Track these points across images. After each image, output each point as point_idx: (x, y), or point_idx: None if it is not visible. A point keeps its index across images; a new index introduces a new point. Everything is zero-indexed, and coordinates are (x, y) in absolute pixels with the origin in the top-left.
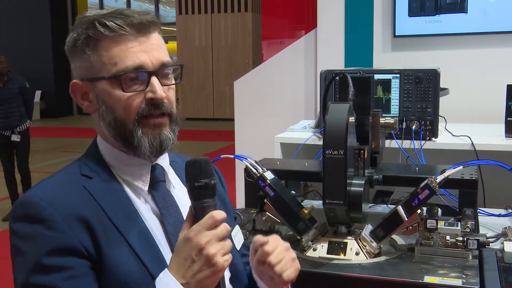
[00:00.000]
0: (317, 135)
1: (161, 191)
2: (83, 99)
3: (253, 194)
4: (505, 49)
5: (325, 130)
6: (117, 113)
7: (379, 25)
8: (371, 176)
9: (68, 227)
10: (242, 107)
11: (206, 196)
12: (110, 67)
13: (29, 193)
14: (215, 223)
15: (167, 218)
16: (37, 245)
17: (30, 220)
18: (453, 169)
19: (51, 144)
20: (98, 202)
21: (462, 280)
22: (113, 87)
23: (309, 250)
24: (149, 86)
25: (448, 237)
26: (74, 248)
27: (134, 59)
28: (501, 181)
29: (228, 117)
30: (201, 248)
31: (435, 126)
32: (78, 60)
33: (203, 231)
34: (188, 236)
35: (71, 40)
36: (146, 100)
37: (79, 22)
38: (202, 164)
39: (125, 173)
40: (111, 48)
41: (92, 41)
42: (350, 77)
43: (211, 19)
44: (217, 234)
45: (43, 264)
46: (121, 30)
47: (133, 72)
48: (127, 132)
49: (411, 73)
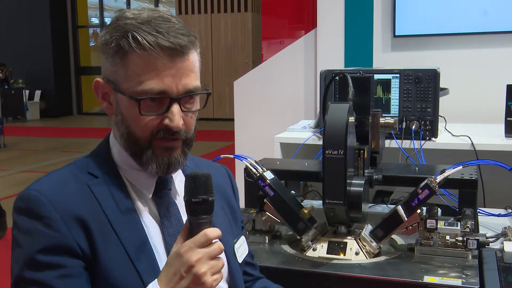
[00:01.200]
0: (317, 135)
1: (165, 199)
2: (103, 99)
3: (253, 194)
4: (505, 49)
5: (325, 130)
6: (131, 129)
7: (379, 25)
8: (371, 176)
9: (65, 227)
10: (242, 107)
11: (203, 212)
12: (134, 84)
13: (34, 186)
14: (207, 241)
15: (167, 228)
16: (33, 240)
17: (30, 214)
18: (452, 169)
19: (51, 144)
20: (100, 204)
21: (461, 280)
22: (132, 105)
23: (309, 250)
24: (169, 113)
25: (448, 237)
26: (70, 248)
27: (159, 83)
28: (501, 181)
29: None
30: (191, 265)
31: (435, 126)
32: (106, 60)
33: (194, 248)
34: (180, 252)
35: (104, 39)
36: (163, 125)
37: (115, 24)
38: (202, 180)
39: (132, 177)
40: (139, 64)
41: (121, 52)
42: (350, 77)
43: (211, 19)
44: (209, 252)
45: (37, 260)
46: (151, 51)
47: (155, 96)
48: (137, 149)
49: (411, 73)
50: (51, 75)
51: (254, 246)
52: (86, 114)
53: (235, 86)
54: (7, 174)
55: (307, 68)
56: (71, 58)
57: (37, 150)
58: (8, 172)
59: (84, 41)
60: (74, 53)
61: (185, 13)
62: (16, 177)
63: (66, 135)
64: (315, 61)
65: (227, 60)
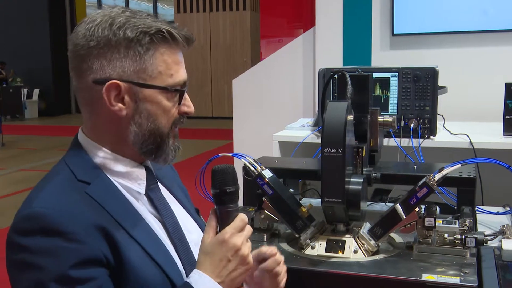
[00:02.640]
0: (315, 133)
1: (157, 192)
2: (115, 101)
3: (251, 192)
4: (504, 47)
5: (323, 129)
6: (158, 121)
7: (377, 24)
8: (370, 174)
9: (88, 237)
10: (240, 105)
11: (232, 201)
12: (165, 78)
13: (36, 204)
14: (245, 225)
15: (167, 219)
16: (59, 258)
17: (46, 233)
18: (451, 167)
19: (50, 142)
20: (104, 207)
21: (460, 278)
22: (163, 97)
23: (307, 248)
24: (185, 100)
25: (446, 235)
26: (96, 258)
27: (183, 74)
28: (499, 179)
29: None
30: (238, 249)
31: (434, 124)
32: (125, 59)
33: (236, 233)
34: (224, 238)
35: (116, 38)
36: (181, 112)
37: (128, 23)
38: (229, 172)
39: (118, 176)
40: (168, 58)
41: (153, 47)
42: (348, 76)
43: (209, 17)
44: (247, 235)
45: (70, 276)
46: (182, 44)
47: (184, 88)
48: (161, 140)
49: (409, 72)
50: (49, 73)
51: (252, 244)
52: None
53: (233, 84)
54: (6, 172)
55: (306, 66)
56: None
57: (36, 149)
58: (7, 170)
59: None
60: None
61: (184, 12)
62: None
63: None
64: (314, 60)
65: (226, 58)
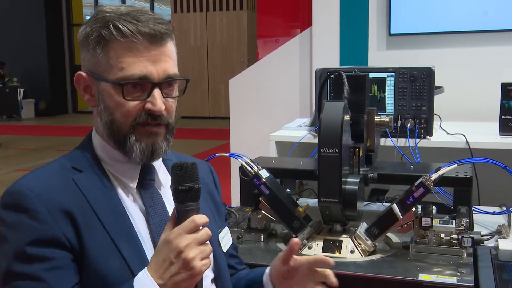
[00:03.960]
0: (312, 133)
1: (149, 189)
2: (85, 91)
3: (248, 192)
4: (500, 47)
5: (320, 129)
6: (115, 116)
7: (374, 23)
8: (366, 174)
9: (51, 219)
10: (237, 105)
11: (189, 199)
12: (116, 71)
13: (20, 181)
14: (196, 227)
15: (153, 217)
16: (20, 234)
17: (16, 208)
18: (447, 167)
19: (46, 142)
20: (85, 196)
21: (456, 278)
22: (115, 91)
23: (304, 248)
24: (150, 97)
25: (442, 235)
26: (57, 240)
27: (141, 68)
28: (496, 179)
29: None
30: (180, 251)
31: (430, 124)
32: (87, 53)
33: (183, 234)
34: (169, 238)
35: (84, 33)
36: (145, 110)
37: (95, 17)
38: (188, 168)
39: (115, 169)
40: (120, 52)
41: (103, 41)
42: (345, 75)
43: (206, 17)
44: (197, 238)
45: (26, 253)
46: (132, 37)
47: (137, 81)
48: (121, 136)
49: (406, 72)
50: (45, 73)
51: (249, 244)
52: (81, 112)
53: (230, 84)
54: (2, 173)
55: (303, 66)
56: (66, 56)
57: (32, 149)
58: (3, 171)
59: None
60: (69, 52)
61: (181, 12)
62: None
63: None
64: (311, 60)
65: (223, 58)
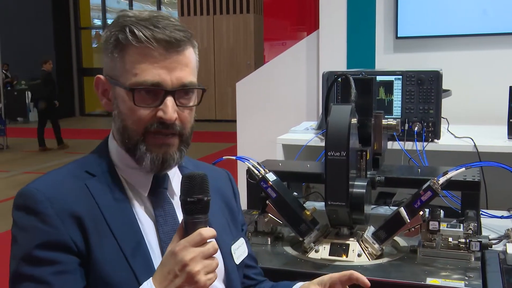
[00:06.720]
0: (319, 136)
1: (161, 198)
2: (103, 95)
3: (255, 195)
4: (508, 50)
5: (327, 132)
6: (126, 122)
7: (381, 27)
8: (373, 178)
9: (61, 223)
10: (244, 108)
11: (198, 212)
12: (130, 77)
13: (33, 184)
14: (202, 240)
15: (163, 226)
16: (30, 236)
17: (27, 211)
18: (455, 170)
19: (54, 145)
20: (96, 202)
21: (464, 282)
22: (128, 97)
23: (311, 252)
24: (162, 105)
25: (450, 239)
26: (65, 244)
27: (154, 75)
28: (504, 183)
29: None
30: (185, 264)
31: (438, 127)
32: (106, 57)
33: (189, 247)
34: (174, 250)
35: (104, 36)
36: (157, 118)
37: (116, 21)
38: (197, 180)
39: (128, 176)
40: (135, 58)
41: (120, 45)
42: (352, 79)
43: (213, 20)
44: (203, 251)
45: (34, 255)
46: (147, 43)
47: (149, 88)
48: (131, 143)
49: (413, 75)
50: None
51: (256, 247)
52: (89, 115)
53: (237, 87)
54: (9, 175)
55: (309, 69)
56: (74, 59)
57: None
58: (11, 173)
59: (87, 42)
60: (77, 55)
61: (187, 15)
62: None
63: (68, 136)
64: (317, 63)
65: (229, 61)
